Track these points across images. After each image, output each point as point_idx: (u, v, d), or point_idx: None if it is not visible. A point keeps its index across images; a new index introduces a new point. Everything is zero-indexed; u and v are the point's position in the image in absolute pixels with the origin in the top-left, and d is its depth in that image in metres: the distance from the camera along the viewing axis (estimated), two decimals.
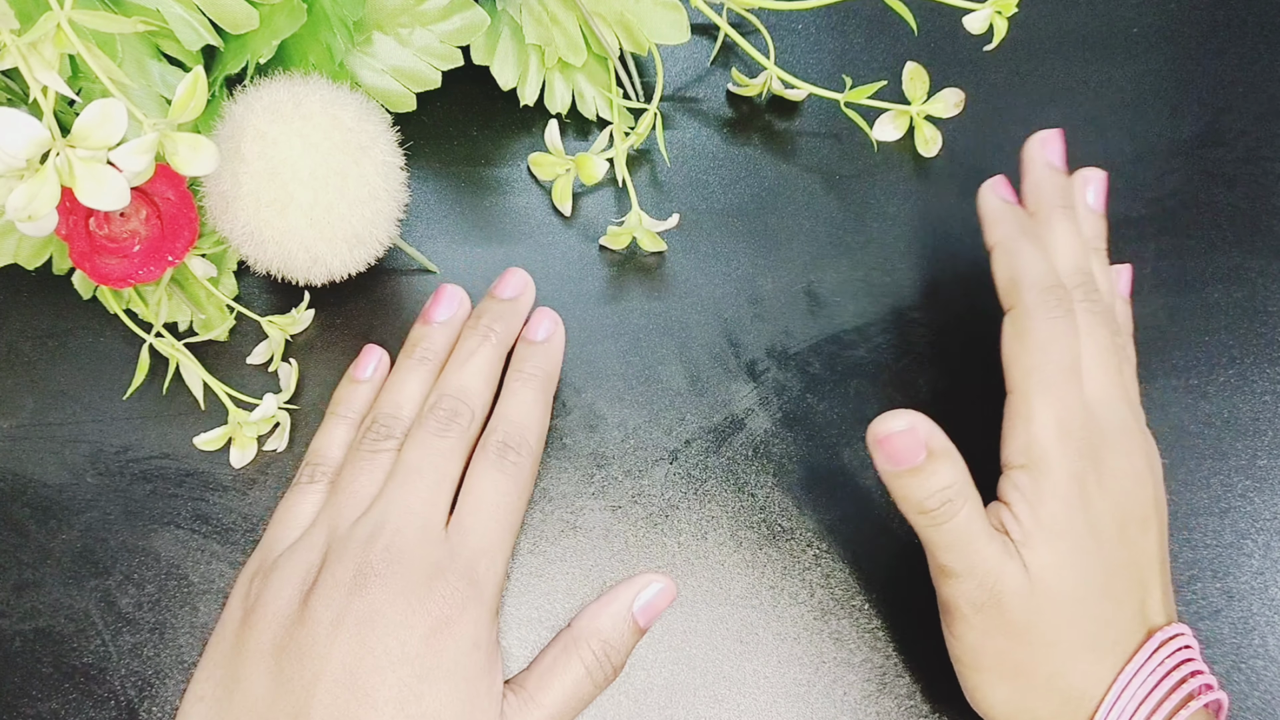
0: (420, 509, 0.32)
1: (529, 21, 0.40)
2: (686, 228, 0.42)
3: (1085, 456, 0.31)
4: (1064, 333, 0.32)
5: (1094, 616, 0.31)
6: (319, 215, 0.33)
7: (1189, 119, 0.45)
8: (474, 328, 0.37)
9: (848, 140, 0.44)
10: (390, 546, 0.31)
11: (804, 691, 0.36)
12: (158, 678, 0.36)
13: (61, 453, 0.38)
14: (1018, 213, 0.36)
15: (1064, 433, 0.31)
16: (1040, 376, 0.32)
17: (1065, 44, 0.47)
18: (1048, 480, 0.31)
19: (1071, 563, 0.31)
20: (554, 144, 0.41)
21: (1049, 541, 0.31)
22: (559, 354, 0.38)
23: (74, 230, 0.34)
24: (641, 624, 0.34)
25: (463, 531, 0.32)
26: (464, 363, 0.36)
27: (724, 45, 0.46)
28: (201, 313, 0.38)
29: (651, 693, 0.36)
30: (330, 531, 0.33)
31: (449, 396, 0.35)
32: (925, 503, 0.30)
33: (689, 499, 0.39)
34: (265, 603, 0.31)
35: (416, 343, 0.37)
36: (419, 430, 0.34)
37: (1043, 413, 0.31)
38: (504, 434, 0.35)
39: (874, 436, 0.30)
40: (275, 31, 0.34)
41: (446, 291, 0.38)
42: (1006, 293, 0.34)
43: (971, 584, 0.31)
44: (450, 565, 0.31)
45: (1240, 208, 0.44)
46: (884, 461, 0.31)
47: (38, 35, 0.26)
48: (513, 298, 0.38)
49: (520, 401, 0.36)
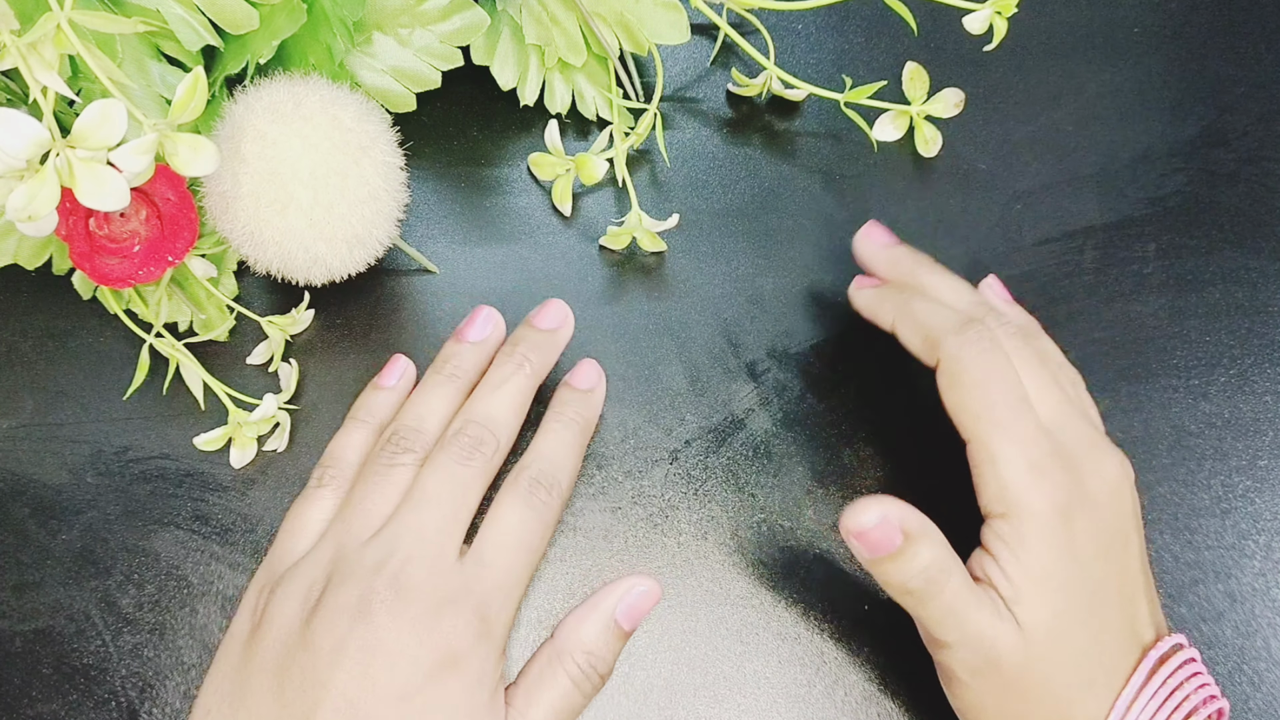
0: (434, 538, 0.31)
1: (529, 22, 0.40)
2: (686, 228, 0.42)
3: (1061, 488, 0.30)
4: (999, 365, 0.32)
5: (1088, 652, 0.30)
6: (319, 215, 0.33)
7: (1190, 119, 0.45)
8: (509, 355, 0.36)
9: (848, 140, 0.44)
10: (399, 575, 0.30)
11: (805, 692, 0.36)
12: (157, 678, 0.36)
13: (61, 453, 0.38)
14: (892, 287, 0.36)
15: (1034, 470, 0.30)
16: (991, 418, 0.31)
17: (1065, 44, 0.47)
18: (1029, 525, 0.30)
19: (1063, 608, 0.30)
20: (554, 144, 0.41)
21: (1039, 593, 0.30)
22: (599, 404, 0.38)
23: (74, 231, 0.34)
24: (626, 628, 0.33)
25: (481, 563, 0.31)
26: (495, 390, 0.35)
27: (724, 45, 0.46)
28: (201, 313, 0.38)
29: (651, 693, 0.36)
30: (338, 549, 0.32)
31: (475, 424, 0.34)
32: (909, 584, 0.30)
33: (689, 499, 0.38)
34: (270, 619, 0.31)
35: (447, 359, 0.36)
36: (441, 454, 0.33)
37: (1006, 454, 0.30)
38: (538, 470, 0.34)
39: (847, 530, 0.30)
40: (275, 32, 0.34)
41: (483, 313, 0.38)
42: (926, 352, 0.33)
43: (966, 652, 0.30)
44: (463, 598, 0.30)
45: (1241, 208, 0.44)
46: (862, 551, 0.30)
47: (38, 36, 0.26)
48: (552, 329, 0.37)
49: (559, 441, 0.35)
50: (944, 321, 0.33)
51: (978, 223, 0.43)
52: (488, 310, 0.38)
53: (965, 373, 0.31)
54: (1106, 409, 0.40)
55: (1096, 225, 0.43)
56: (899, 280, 0.36)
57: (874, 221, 0.38)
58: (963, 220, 0.43)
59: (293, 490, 0.38)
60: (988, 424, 0.31)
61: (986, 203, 0.43)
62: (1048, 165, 0.44)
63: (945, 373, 0.32)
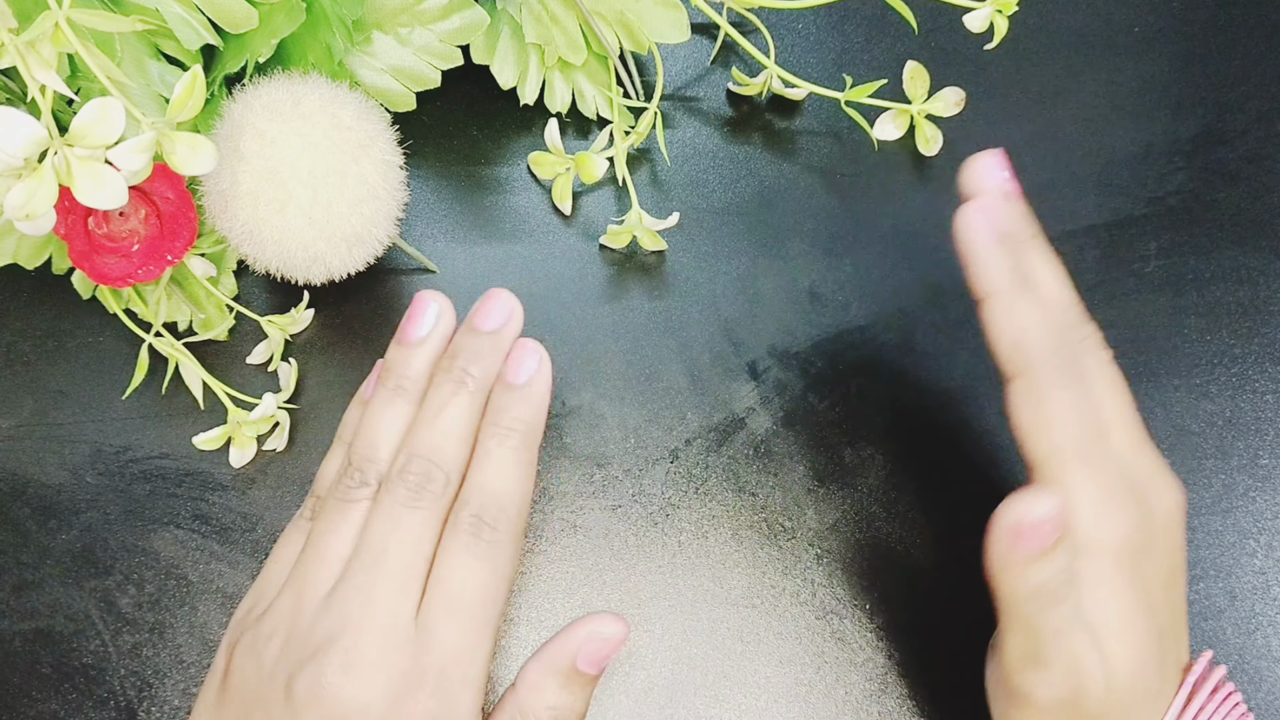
0: (386, 601, 0.28)
1: (529, 21, 0.40)
2: (687, 227, 0.42)
3: (1134, 528, 0.29)
4: (1084, 396, 0.29)
5: (1149, 689, 0.29)
6: (318, 214, 0.33)
7: (1191, 118, 0.45)
8: (448, 370, 0.32)
9: (848, 139, 0.44)
10: (349, 655, 0.27)
11: (805, 691, 0.36)
12: (157, 678, 0.36)
13: (61, 453, 0.38)
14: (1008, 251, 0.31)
15: (1108, 507, 0.29)
16: (1072, 453, 0.29)
17: (1066, 43, 0.46)
18: (1102, 565, 0.28)
19: (1136, 652, 0.29)
20: (554, 143, 0.41)
21: (1121, 634, 0.29)
22: (544, 400, 0.32)
23: (73, 229, 0.34)
24: (591, 674, 0.31)
25: (431, 631, 0.28)
26: (435, 417, 0.31)
27: (724, 44, 0.45)
28: (201, 312, 0.38)
29: (652, 692, 0.36)
30: (295, 604, 0.30)
31: (419, 458, 0.30)
32: (1044, 586, 0.27)
33: (689, 498, 0.38)
34: (233, 673, 0.29)
35: (392, 369, 0.33)
36: (387, 498, 0.30)
37: (1080, 491, 0.28)
38: (478, 506, 0.30)
39: (1012, 526, 0.27)
40: (274, 31, 0.34)
41: (422, 303, 0.33)
42: (1011, 359, 0.30)
43: (1057, 676, 0.29)
44: (419, 677, 0.28)
45: (1243, 206, 0.44)
46: (1015, 550, 0.27)
47: (36, 34, 0.26)
48: (494, 329, 0.32)
49: (496, 465, 0.31)
50: (1041, 338, 0.30)
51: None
52: (427, 298, 0.33)
53: (1048, 403, 0.29)
54: None
55: (1097, 224, 0.43)
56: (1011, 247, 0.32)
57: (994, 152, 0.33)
58: None
59: (292, 490, 0.38)
60: (1065, 458, 0.29)
61: None
62: (1048, 164, 0.44)
63: (1025, 391, 0.30)
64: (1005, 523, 0.27)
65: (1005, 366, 0.30)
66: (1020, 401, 0.30)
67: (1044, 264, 0.32)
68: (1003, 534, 0.27)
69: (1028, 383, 0.30)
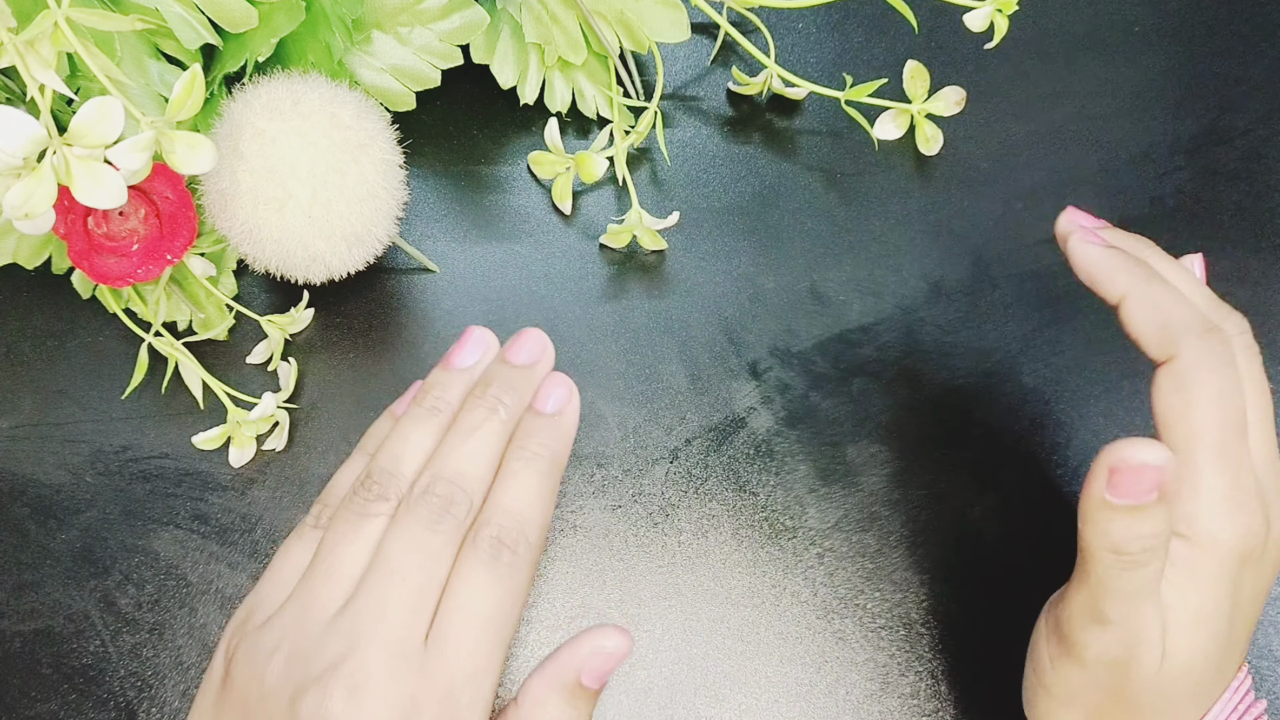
0: (399, 619, 0.28)
1: (529, 20, 0.40)
2: (687, 226, 0.42)
3: (1251, 534, 0.29)
4: (1233, 387, 0.29)
5: (1198, 688, 0.29)
6: (318, 213, 0.32)
7: (1191, 118, 0.45)
8: (480, 397, 0.32)
9: (848, 138, 0.44)
10: (356, 675, 0.27)
11: (806, 691, 0.36)
12: (156, 678, 0.36)
13: (61, 453, 0.38)
14: (1130, 255, 0.32)
15: (1234, 506, 0.28)
16: (1212, 441, 0.29)
17: (1066, 43, 0.46)
18: (1209, 561, 0.28)
19: (1205, 651, 0.29)
20: (554, 142, 0.41)
21: (1192, 627, 0.29)
22: (571, 431, 0.32)
23: (72, 229, 0.33)
24: (594, 689, 0.30)
25: (443, 649, 0.28)
26: (464, 440, 0.31)
27: (724, 44, 0.45)
28: (201, 312, 0.38)
29: (652, 692, 0.36)
30: (300, 619, 0.29)
31: (444, 480, 0.30)
32: (1127, 545, 0.27)
33: (690, 498, 0.38)
34: (233, 679, 0.29)
35: (430, 389, 0.33)
36: (408, 516, 0.29)
37: (1213, 483, 0.28)
38: (499, 527, 0.29)
39: (1114, 462, 0.27)
40: (274, 30, 0.34)
41: (474, 336, 0.33)
42: (1159, 343, 0.30)
43: (1115, 639, 0.29)
44: (426, 699, 0.27)
45: (1243, 206, 0.44)
46: (1108, 490, 0.27)
47: (35, 33, 0.26)
48: (528, 364, 0.33)
49: (521, 487, 0.30)
50: (1188, 319, 0.30)
51: (979, 221, 0.43)
52: (479, 332, 0.34)
53: (1198, 384, 0.29)
54: (1108, 408, 0.40)
55: None
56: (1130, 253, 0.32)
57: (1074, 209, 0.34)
58: (964, 219, 0.43)
59: (292, 490, 0.38)
60: (1206, 446, 0.29)
61: (988, 201, 0.43)
62: (1049, 164, 0.44)
63: (1174, 375, 0.29)
64: (1107, 460, 0.27)
65: (1154, 352, 0.30)
66: (1165, 384, 0.29)
67: (1178, 271, 0.32)
68: (1101, 472, 0.27)
69: (1175, 366, 0.29)
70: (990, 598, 0.38)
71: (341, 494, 0.32)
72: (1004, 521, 0.39)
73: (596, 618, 0.37)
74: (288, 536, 0.32)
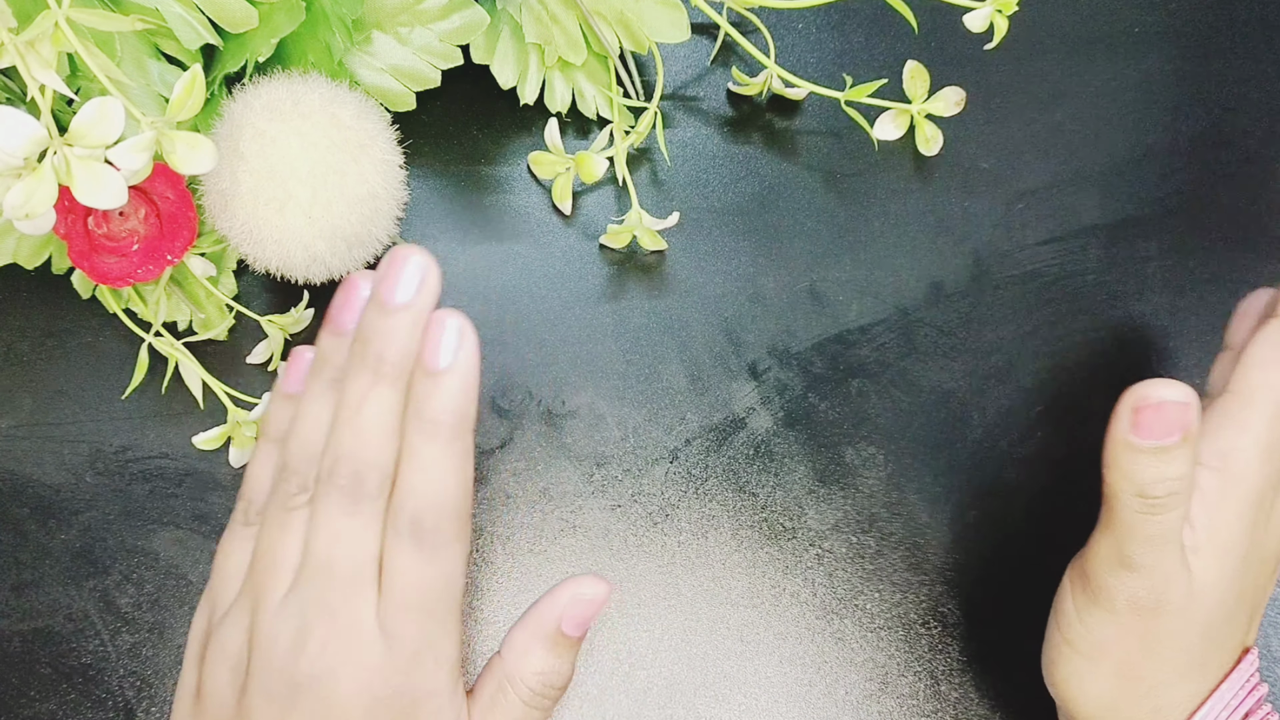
0: (342, 607, 0.28)
1: (529, 20, 0.40)
2: (687, 226, 0.42)
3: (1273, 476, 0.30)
4: None
5: (1218, 638, 0.30)
6: (318, 214, 0.32)
7: (1191, 119, 0.45)
8: (362, 358, 0.28)
9: (848, 139, 0.44)
10: (316, 661, 0.27)
11: (805, 691, 0.36)
12: (156, 678, 0.36)
13: (60, 452, 0.38)
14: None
15: (1269, 455, 0.30)
16: (1274, 392, 0.30)
17: (1066, 43, 0.46)
18: (1237, 491, 0.29)
19: (1227, 583, 0.29)
20: (554, 143, 0.41)
21: (1218, 556, 0.29)
22: (470, 382, 0.28)
23: (72, 229, 0.33)
24: (575, 636, 0.31)
25: (393, 631, 0.28)
26: (355, 416, 0.28)
27: (724, 44, 0.45)
28: (201, 312, 0.38)
29: (652, 692, 0.36)
30: (254, 611, 0.29)
31: (345, 461, 0.28)
32: (1152, 488, 0.28)
33: (689, 498, 0.38)
34: (205, 684, 0.29)
35: (324, 360, 0.30)
36: (322, 505, 0.28)
37: (1259, 426, 0.29)
38: (414, 510, 0.28)
39: (1137, 401, 0.27)
40: (274, 30, 0.34)
41: (355, 291, 0.30)
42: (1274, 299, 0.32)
43: (1145, 583, 0.29)
44: (387, 681, 0.28)
45: (1243, 207, 0.44)
46: (1131, 431, 0.27)
47: (36, 33, 0.26)
48: (405, 304, 0.28)
49: (426, 466, 0.28)
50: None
51: (979, 222, 0.43)
52: (360, 280, 0.30)
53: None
54: (1108, 409, 0.40)
55: (1098, 224, 0.43)
56: None
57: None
58: (964, 219, 0.43)
59: None
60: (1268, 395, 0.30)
61: (988, 202, 0.43)
62: (1049, 164, 0.44)
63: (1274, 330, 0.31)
64: (1131, 400, 0.27)
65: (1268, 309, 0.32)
66: (1270, 335, 0.30)
67: None
68: (1125, 412, 0.27)
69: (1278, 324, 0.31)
70: (989, 598, 0.38)
71: (259, 487, 0.32)
72: (1003, 522, 0.39)
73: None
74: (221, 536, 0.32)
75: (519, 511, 0.38)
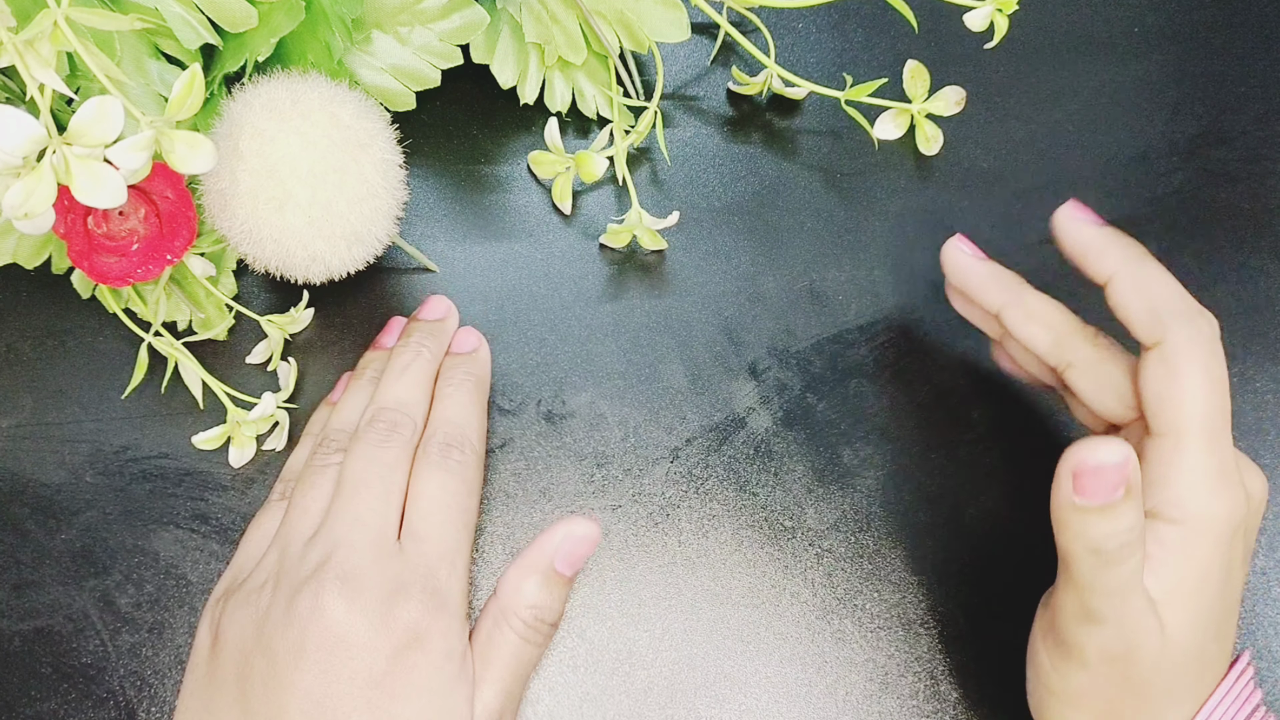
0: (371, 520, 0.31)
1: (529, 20, 0.40)
2: (687, 226, 0.42)
3: (1237, 506, 0.29)
4: (1220, 369, 0.30)
5: (1204, 667, 0.30)
6: (317, 213, 0.32)
7: (1190, 118, 0.45)
8: (405, 345, 0.37)
9: (848, 138, 0.44)
10: (344, 566, 0.30)
11: (806, 691, 0.36)
12: (156, 677, 0.36)
13: (60, 452, 0.38)
14: (1121, 235, 0.32)
15: (1222, 485, 0.29)
16: (1200, 427, 0.29)
17: (1066, 42, 0.46)
18: (1201, 541, 0.29)
19: (1204, 622, 0.29)
20: (554, 142, 0.41)
21: (1188, 603, 0.29)
22: (487, 362, 0.38)
23: (72, 229, 0.33)
24: (568, 574, 0.33)
25: (417, 539, 0.32)
26: (399, 376, 0.35)
27: (724, 44, 0.45)
28: (200, 312, 0.38)
29: (652, 692, 0.36)
30: (282, 553, 0.32)
31: (387, 409, 0.34)
32: (1104, 543, 0.27)
33: (690, 498, 0.38)
34: (224, 632, 0.31)
35: (367, 365, 0.38)
36: (359, 444, 0.33)
37: (1201, 467, 0.29)
38: (444, 435, 0.34)
39: (1075, 466, 0.27)
40: (274, 30, 0.34)
41: (398, 321, 0.39)
42: (1148, 326, 0.30)
43: (1112, 633, 0.29)
44: (410, 578, 0.30)
45: (1242, 207, 0.44)
46: (1075, 494, 0.27)
47: (35, 33, 0.26)
48: (440, 318, 0.38)
49: (455, 403, 0.35)
50: (1177, 301, 0.30)
51: (979, 221, 0.43)
52: (400, 320, 0.39)
53: (1187, 371, 0.29)
54: None
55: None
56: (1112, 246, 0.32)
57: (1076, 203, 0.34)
58: (964, 219, 0.43)
59: None
60: (1197, 430, 0.29)
61: (988, 201, 0.43)
62: (1049, 164, 0.44)
63: (1164, 360, 0.30)
64: (1069, 464, 0.27)
65: (1141, 335, 0.31)
66: (1154, 370, 0.30)
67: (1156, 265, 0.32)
68: (1065, 476, 0.27)
69: (1164, 351, 0.30)
70: (989, 598, 0.38)
71: (298, 469, 0.36)
72: (1002, 521, 0.39)
73: (597, 618, 0.37)
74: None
75: (519, 511, 0.38)
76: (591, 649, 0.37)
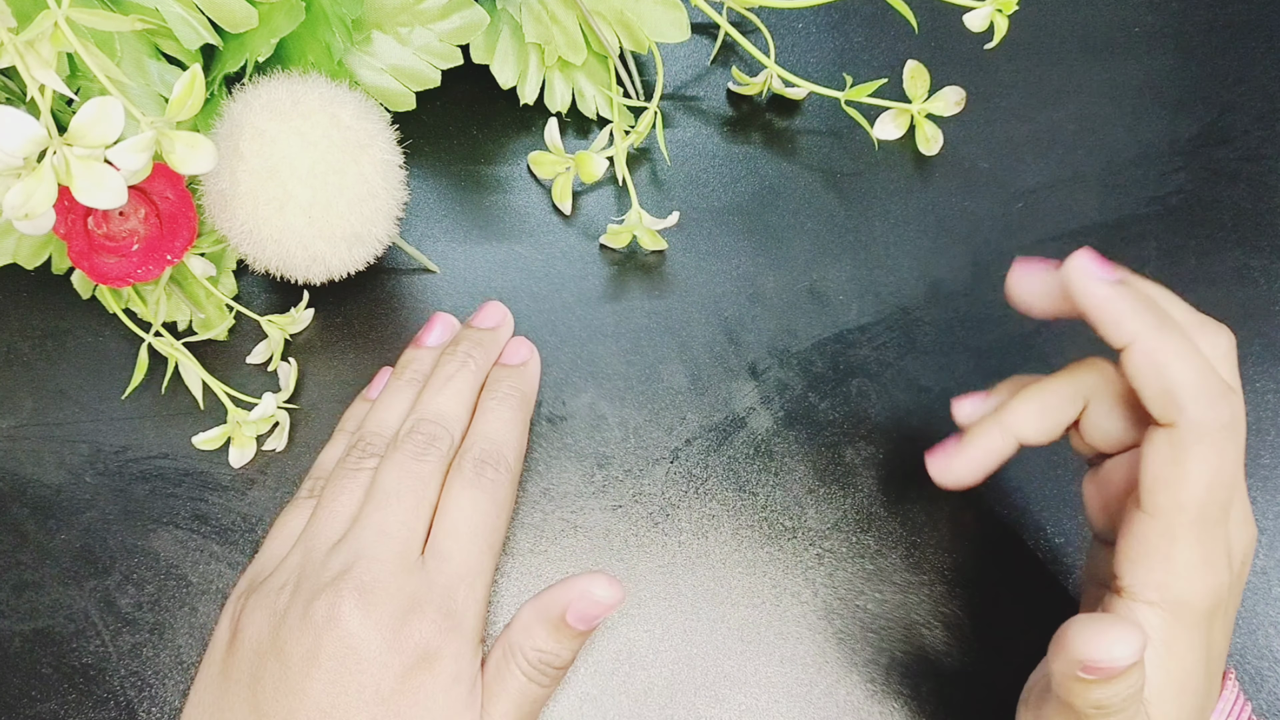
0: (397, 533, 0.31)
1: (529, 20, 0.40)
2: (687, 226, 0.42)
3: (1219, 588, 0.28)
4: (1233, 460, 0.28)
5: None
6: (317, 213, 0.32)
7: (1191, 118, 0.45)
8: (452, 354, 0.36)
9: (848, 138, 0.44)
10: (364, 578, 0.30)
11: (806, 691, 0.36)
12: (157, 678, 0.36)
13: (60, 452, 0.38)
14: (1148, 298, 0.29)
15: (1205, 571, 0.28)
16: (1199, 515, 0.27)
17: (1066, 42, 0.46)
18: (1183, 630, 0.28)
19: (1190, 706, 0.29)
20: (554, 142, 0.41)
21: (1176, 696, 0.28)
22: (535, 378, 0.38)
23: (72, 229, 0.33)
24: (581, 630, 0.32)
25: (439, 556, 0.31)
26: (442, 387, 0.35)
27: (724, 44, 0.45)
28: (201, 312, 0.38)
29: (652, 692, 0.36)
30: (305, 555, 0.32)
31: (427, 420, 0.34)
32: (1108, 701, 0.26)
33: (690, 498, 0.38)
34: (243, 629, 0.31)
35: (407, 365, 0.37)
36: (396, 453, 0.33)
37: (1191, 555, 0.28)
38: (481, 451, 0.34)
39: (1085, 661, 0.25)
40: (274, 30, 0.34)
41: (440, 318, 0.39)
42: (1161, 405, 0.28)
43: None
44: (427, 596, 0.30)
45: (1243, 206, 0.44)
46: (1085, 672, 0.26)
47: (35, 33, 0.26)
48: (492, 327, 0.38)
49: (497, 418, 0.35)
50: (1195, 384, 0.27)
51: (979, 221, 0.43)
52: (445, 316, 0.39)
53: (1196, 460, 0.27)
54: None
55: (1097, 224, 0.43)
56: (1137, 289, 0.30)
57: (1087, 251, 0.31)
58: (964, 219, 0.43)
59: (292, 490, 0.38)
60: (1192, 519, 0.27)
61: (987, 201, 0.43)
62: (1049, 164, 0.44)
63: (1171, 444, 0.28)
64: (1076, 656, 0.26)
65: (1154, 412, 0.28)
66: (1162, 453, 0.28)
67: (1180, 308, 0.31)
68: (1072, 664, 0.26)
69: (1175, 436, 0.28)
70: (989, 597, 0.38)
71: (330, 466, 0.35)
72: (1002, 521, 0.39)
73: None
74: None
75: (519, 511, 0.38)
76: (591, 649, 0.37)
